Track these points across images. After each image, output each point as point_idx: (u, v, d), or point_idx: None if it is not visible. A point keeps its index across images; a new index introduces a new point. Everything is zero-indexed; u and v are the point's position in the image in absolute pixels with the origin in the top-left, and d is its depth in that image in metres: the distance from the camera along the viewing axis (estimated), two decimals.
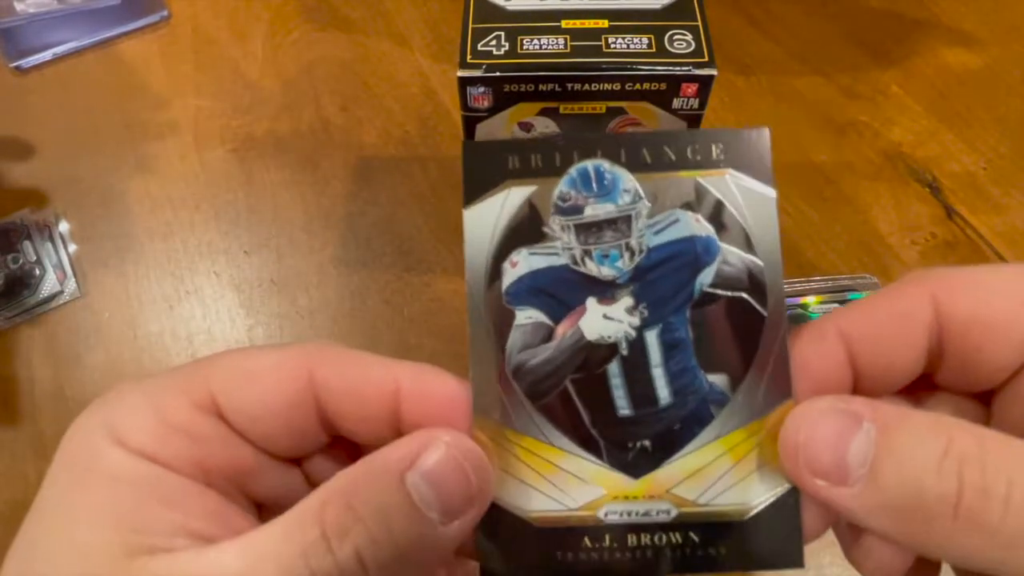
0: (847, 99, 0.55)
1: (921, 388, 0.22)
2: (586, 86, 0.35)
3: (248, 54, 0.59)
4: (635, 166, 0.21)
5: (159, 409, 0.19)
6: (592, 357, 0.21)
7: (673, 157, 0.21)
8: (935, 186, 0.51)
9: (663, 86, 0.35)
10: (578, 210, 0.21)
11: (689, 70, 0.34)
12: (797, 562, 0.20)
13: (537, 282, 0.21)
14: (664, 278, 0.21)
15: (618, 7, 0.37)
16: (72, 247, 0.50)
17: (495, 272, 0.21)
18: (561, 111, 0.36)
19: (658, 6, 0.37)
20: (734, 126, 0.54)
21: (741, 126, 0.21)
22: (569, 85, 0.35)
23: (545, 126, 0.37)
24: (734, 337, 0.21)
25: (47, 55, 0.58)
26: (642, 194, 0.21)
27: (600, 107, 0.36)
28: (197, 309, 0.48)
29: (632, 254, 0.21)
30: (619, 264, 0.21)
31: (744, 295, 0.21)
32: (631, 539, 0.21)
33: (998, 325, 0.19)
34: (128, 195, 0.52)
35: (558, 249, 0.21)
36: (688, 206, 0.21)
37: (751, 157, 0.21)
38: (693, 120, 0.36)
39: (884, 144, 0.53)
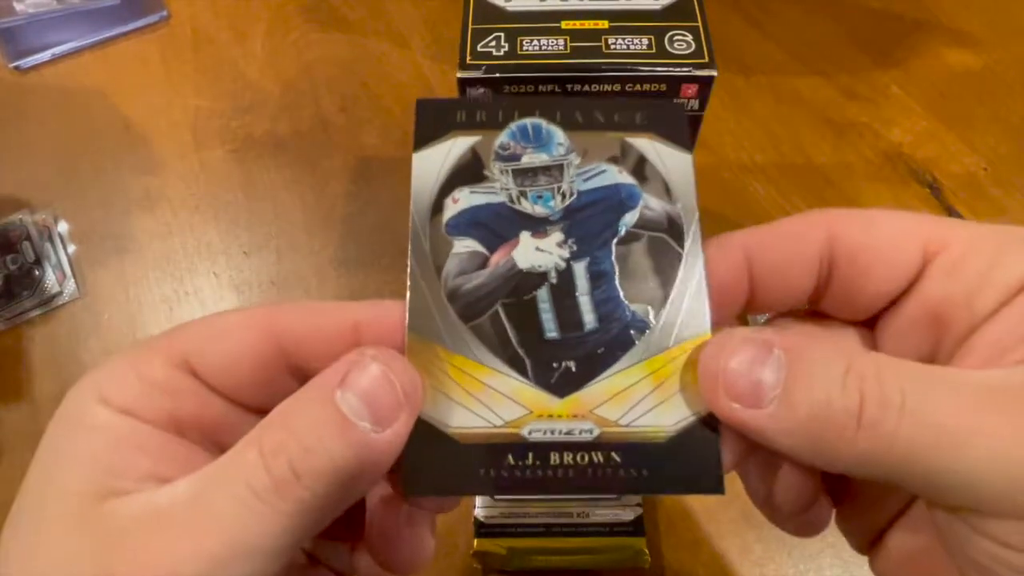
0: (847, 99, 0.55)
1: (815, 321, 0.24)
2: (586, 87, 0.35)
3: (248, 54, 0.59)
4: (568, 125, 0.24)
5: (138, 369, 0.20)
6: (523, 284, 0.22)
7: (602, 120, 0.24)
8: (935, 187, 0.51)
9: (663, 87, 0.35)
10: (516, 158, 0.24)
11: (689, 71, 0.34)
12: (716, 488, 0.21)
13: (476, 216, 0.23)
14: (592, 218, 0.23)
15: (618, 8, 0.36)
16: (71, 247, 0.50)
17: (438, 206, 0.23)
18: None
19: (658, 7, 0.37)
20: (733, 127, 0.54)
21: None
22: (569, 86, 0.35)
23: None
24: (654, 271, 0.23)
25: (46, 55, 0.58)
26: (573, 148, 0.24)
27: None
28: (197, 310, 0.48)
29: (564, 197, 0.23)
30: (551, 204, 0.23)
31: (663, 235, 0.23)
32: (554, 457, 0.21)
33: (883, 252, 0.21)
34: (127, 196, 0.52)
35: (497, 189, 0.23)
36: (614, 160, 0.24)
37: (669, 125, 0.24)
38: (693, 121, 0.36)
39: (884, 145, 0.53)
